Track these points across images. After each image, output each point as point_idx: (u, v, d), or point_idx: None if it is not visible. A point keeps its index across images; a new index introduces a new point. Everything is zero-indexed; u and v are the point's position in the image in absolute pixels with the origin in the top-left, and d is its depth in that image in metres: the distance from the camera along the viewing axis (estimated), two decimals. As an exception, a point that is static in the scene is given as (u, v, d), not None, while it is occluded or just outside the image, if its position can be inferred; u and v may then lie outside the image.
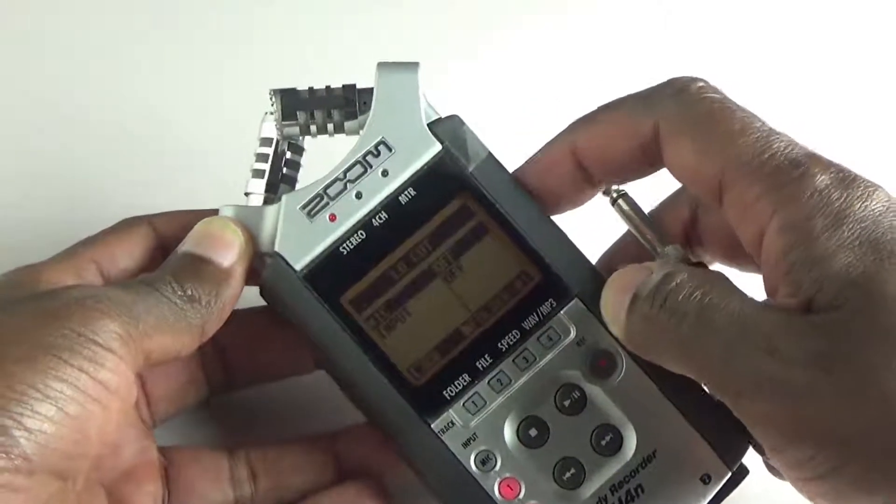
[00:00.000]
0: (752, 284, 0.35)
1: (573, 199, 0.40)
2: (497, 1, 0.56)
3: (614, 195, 0.40)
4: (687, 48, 0.56)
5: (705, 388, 0.37)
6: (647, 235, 0.39)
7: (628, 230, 0.41)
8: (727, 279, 0.35)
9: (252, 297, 0.39)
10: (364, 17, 0.54)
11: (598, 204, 0.40)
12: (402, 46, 0.53)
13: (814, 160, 0.34)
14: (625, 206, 0.40)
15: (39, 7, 0.53)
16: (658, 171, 0.38)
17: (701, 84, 0.36)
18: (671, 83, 0.37)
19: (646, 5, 0.56)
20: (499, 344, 0.38)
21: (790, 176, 0.33)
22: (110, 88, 0.52)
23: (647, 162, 0.37)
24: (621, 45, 0.56)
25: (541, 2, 0.56)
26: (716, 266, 0.41)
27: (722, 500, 0.38)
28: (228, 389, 0.42)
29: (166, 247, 0.39)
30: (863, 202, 0.33)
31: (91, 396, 0.32)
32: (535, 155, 0.40)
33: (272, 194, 0.40)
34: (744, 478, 0.38)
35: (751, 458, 0.38)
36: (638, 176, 0.39)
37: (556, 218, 0.39)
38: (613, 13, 0.56)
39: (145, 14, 0.53)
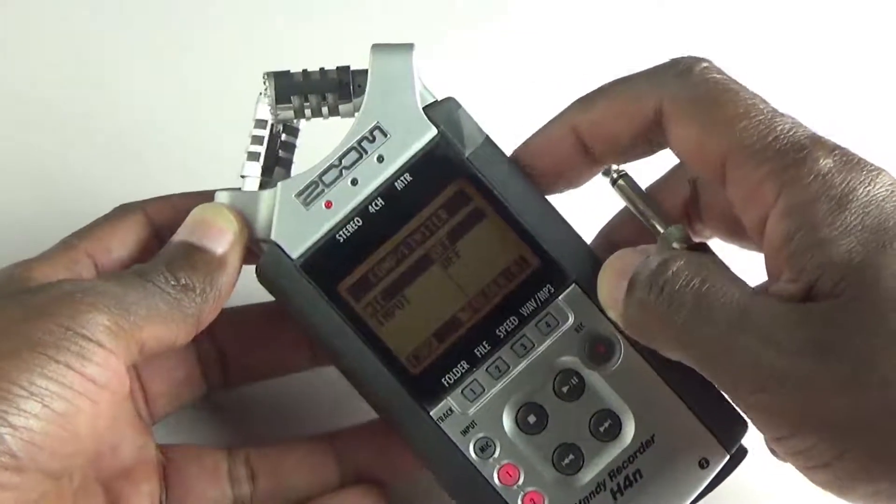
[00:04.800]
0: (752, 267, 0.35)
1: (572, 178, 0.39)
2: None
3: (614, 175, 0.39)
4: (686, 32, 0.55)
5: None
6: (648, 216, 0.39)
7: (624, 207, 0.40)
8: (725, 266, 0.35)
9: (251, 293, 0.39)
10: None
11: (597, 186, 0.40)
12: (402, 26, 0.53)
13: (817, 143, 0.33)
14: (626, 187, 0.39)
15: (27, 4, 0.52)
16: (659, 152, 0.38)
17: (705, 65, 0.36)
18: (675, 63, 0.36)
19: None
20: (497, 330, 0.38)
21: (793, 158, 0.33)
22: (101, 78, 0.51)
23: (649, 142, 0.37)
24: (620, 28, 0.55)
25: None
26: (716, 243, 0.41)
27: (721, 481, 0.38)
28: (226, 386, 0.43)
29: (161, 233, 0.39)
30: (866, 186, 0.32)
31: (78, 392, 0.32)
32: (534, 134, 0.39)
33: (267, 177, 0.39)
34: (743, 458, 0.38)
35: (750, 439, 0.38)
36: (640, 156, 0.38)
37: (553, 201, 0.39)
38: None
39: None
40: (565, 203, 0.39)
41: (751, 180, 0.34)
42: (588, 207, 0.41)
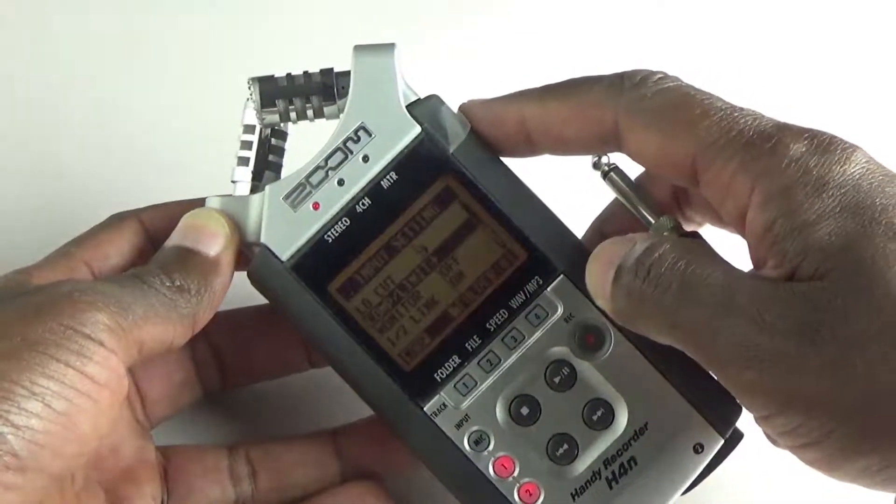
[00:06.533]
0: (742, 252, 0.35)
1: (516, 155, 0.40)
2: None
3: (605, 168, 0.39)
4: (686, 32, 0.55)
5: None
6: (639, 207, 0.39)
7: (615, 199, 0.40)
8: (712, 249, 0.35)
9: (247, 296, 0.39)
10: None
11: (588, 178, 0.40)
12: (398, 26, 0.53)
13: (784, 129, 0.34)
14: (616, 180, 0.39)
15: (22, 6, 0.53)
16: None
17: (659, 76, 0.36)
18: (629, 76, 0.36)
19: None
20: (487, 324, 0.38)
21: (763, 149, 0.33)
22: (101, 81, 0.52)
23: (598, 147, 0.38)
24: (620, 28, 0.55)
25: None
26: (707, 228, 0.41)
27: (718, 465, 0.38)
28: (223, 389, 0.43)
29: (156, 240, 0.39)
30: (841, 166, 0.33)
31: (79, 391, 0.32)
32: (483, 104, 0.39)
33: (257, 181, 0.40)
34: (738, 442, 0.38)
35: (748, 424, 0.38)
36: (582, 154, 0.39)
37: (542, 194, 0.39)
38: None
39: (125, 8, 0.53)
40: (555, 196, 0.39)
41: (722, 177, 0.34)
42: (578, 200, 0.41)
